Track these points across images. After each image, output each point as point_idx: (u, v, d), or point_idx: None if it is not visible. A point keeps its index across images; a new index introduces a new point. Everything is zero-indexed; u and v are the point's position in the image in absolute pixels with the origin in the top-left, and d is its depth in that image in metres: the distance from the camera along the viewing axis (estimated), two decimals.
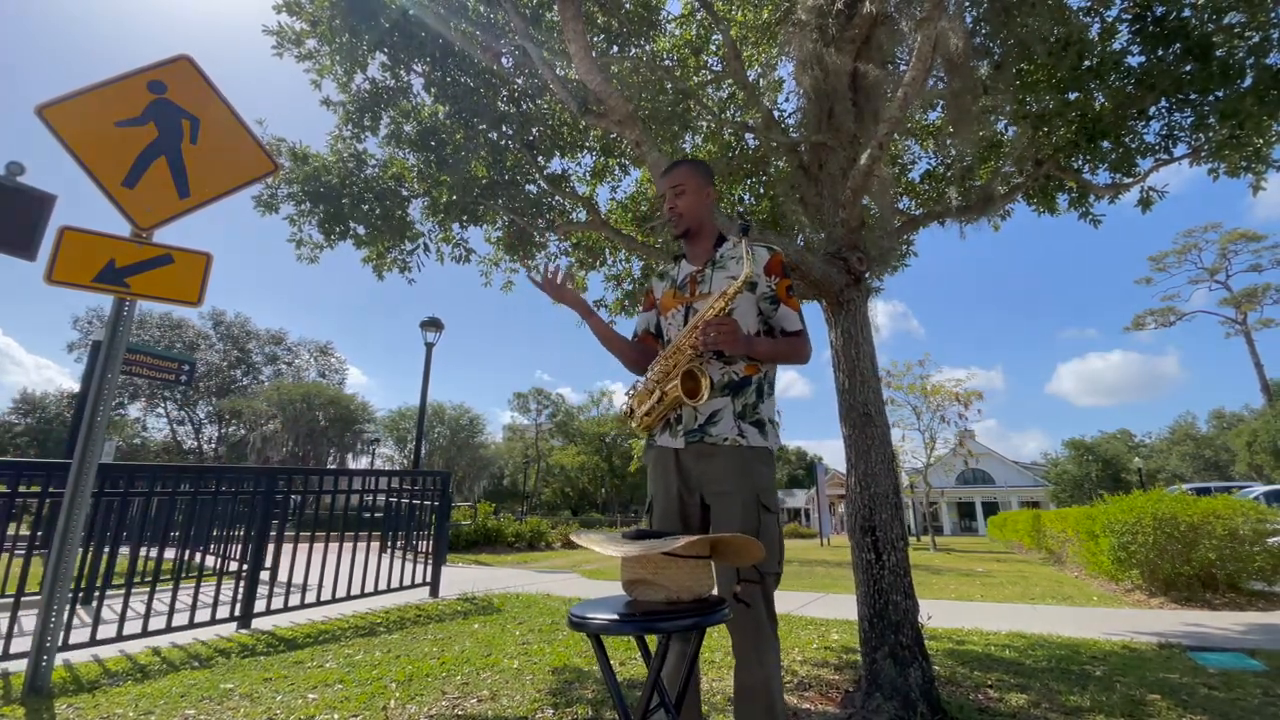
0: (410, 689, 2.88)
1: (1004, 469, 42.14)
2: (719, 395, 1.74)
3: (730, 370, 1.76)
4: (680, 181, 1.91)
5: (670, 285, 1.99)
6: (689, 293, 1.89)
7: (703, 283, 1.87)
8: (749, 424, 1.73)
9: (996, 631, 4.46)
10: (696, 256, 1.95)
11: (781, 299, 1.82)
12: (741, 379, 1.76)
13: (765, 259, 1.84)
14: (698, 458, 1.74)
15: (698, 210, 1.92)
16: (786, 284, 1.84)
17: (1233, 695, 2.94)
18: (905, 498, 27.99)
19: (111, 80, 3.23)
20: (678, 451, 1.77)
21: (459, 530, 12.45)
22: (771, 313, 1.83)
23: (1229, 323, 38.08)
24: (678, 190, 1.91)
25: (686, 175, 1.92)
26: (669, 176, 1.94)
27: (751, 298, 1.81)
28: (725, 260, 1.86)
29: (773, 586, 1.63)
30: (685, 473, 1.76)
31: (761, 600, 1.59)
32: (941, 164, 5.26)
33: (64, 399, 39.56)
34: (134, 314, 3.27)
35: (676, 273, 1.99)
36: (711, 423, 1.73)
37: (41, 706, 2.58)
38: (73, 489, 2.92)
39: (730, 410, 1.73)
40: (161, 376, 9.26)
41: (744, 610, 1.57)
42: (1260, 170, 4.05)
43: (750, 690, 1.55)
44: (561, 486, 52.14)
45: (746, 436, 1.71)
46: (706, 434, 1.72)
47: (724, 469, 1.68)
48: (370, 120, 4.51)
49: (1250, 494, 10.66)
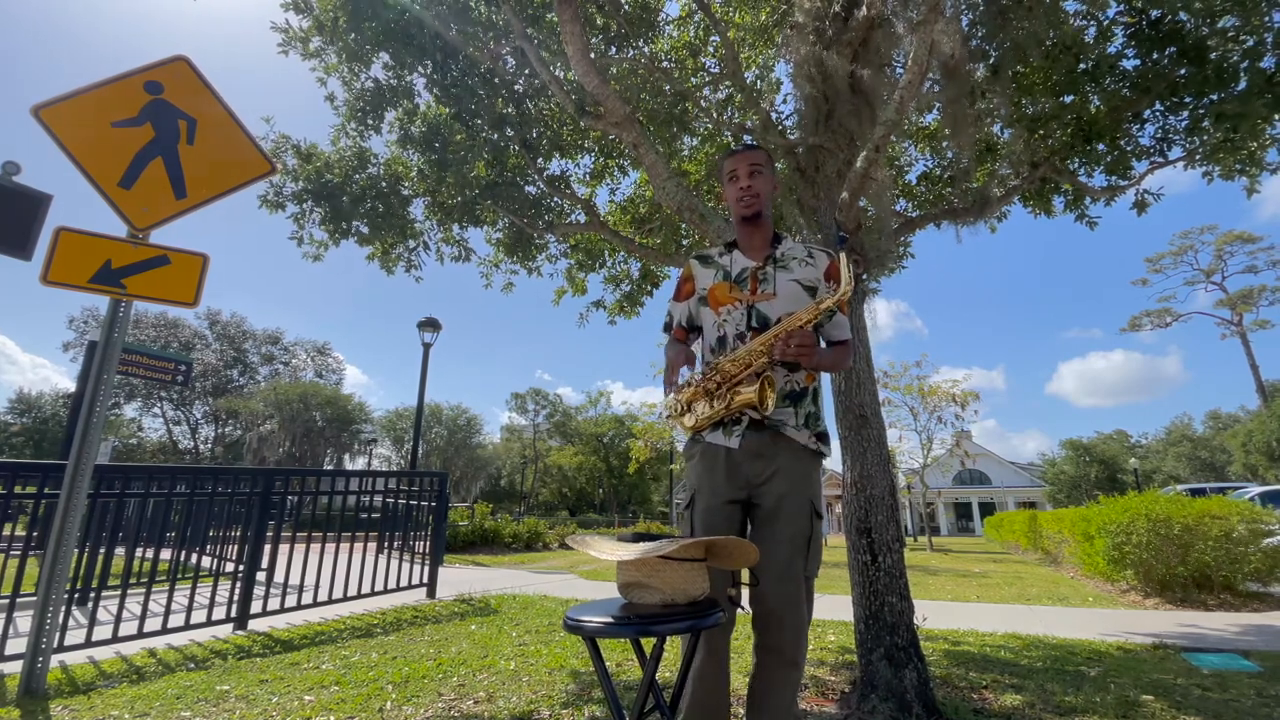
0: (407, 690, 2.88)
1: (1001, 469, 42.26)
2: (782, 405, 1.72)
3: (793, 379, 1.73)
4: (758, 161, 1.80)
5: (722, 276, 1.85)
6: (750, 290, 1.79)
7: (764, 281, 1.78)
8: (812, 434, 1.73)
9: (992, 632, 4.48)
10: (753, 249, 1.84)
11: (841, 307, 1.78)
12: (802, 389, 1.74)
13: (825, 264, 1.79)
14: (755, 458, 1.68)
15: (768, 197, 1.84)
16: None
17: (1227, 696, 2.96)
18: (902, 498, 28.05)
19: (108, 81, 3.22)
20: (729, 450, 1.71)
21: (456, 531, 12.43)
22: (826, 320, 1.79)
23: (1225, 324, 38.26)
24: (755, 168, 1.79)
25: (763, 158, 1.82)
26: (746, 154, 1.81)
27: (811, 304, 1.74)
28: (788, 260, 1.79)
29: (812, 592, 1.67)
30: (736, 471, 1.70)
31: (806, 603, 1.62)
32: (938, 166, 5.28)
33: (59, 399, 39.42)
34: (130, 314, 3.26)
35: (729, 263, 1.86)
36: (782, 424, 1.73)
37: (37, 708, 2.57)
38: (69, 490, 2.91)
39: (793, 417, 1.72)
40: (158, 376, 9.24)
41: (792, 612, 1.58)
42: (1254, 173, 4.08)
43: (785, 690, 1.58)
44: (559, 487, 52.12)
45: (809, 443, 1.72)
46: (781, 427, 1.70)
47: (784, 470, 1.67)
48: (374, 119, 4.52)
49: (1245, 495, 10.69)
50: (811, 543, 1.61)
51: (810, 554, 1.63)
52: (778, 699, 1.55)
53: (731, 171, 1.82)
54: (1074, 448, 45.61)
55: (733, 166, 1.82)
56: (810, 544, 1.62)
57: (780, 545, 1.60)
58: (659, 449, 19.46)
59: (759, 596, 1.59)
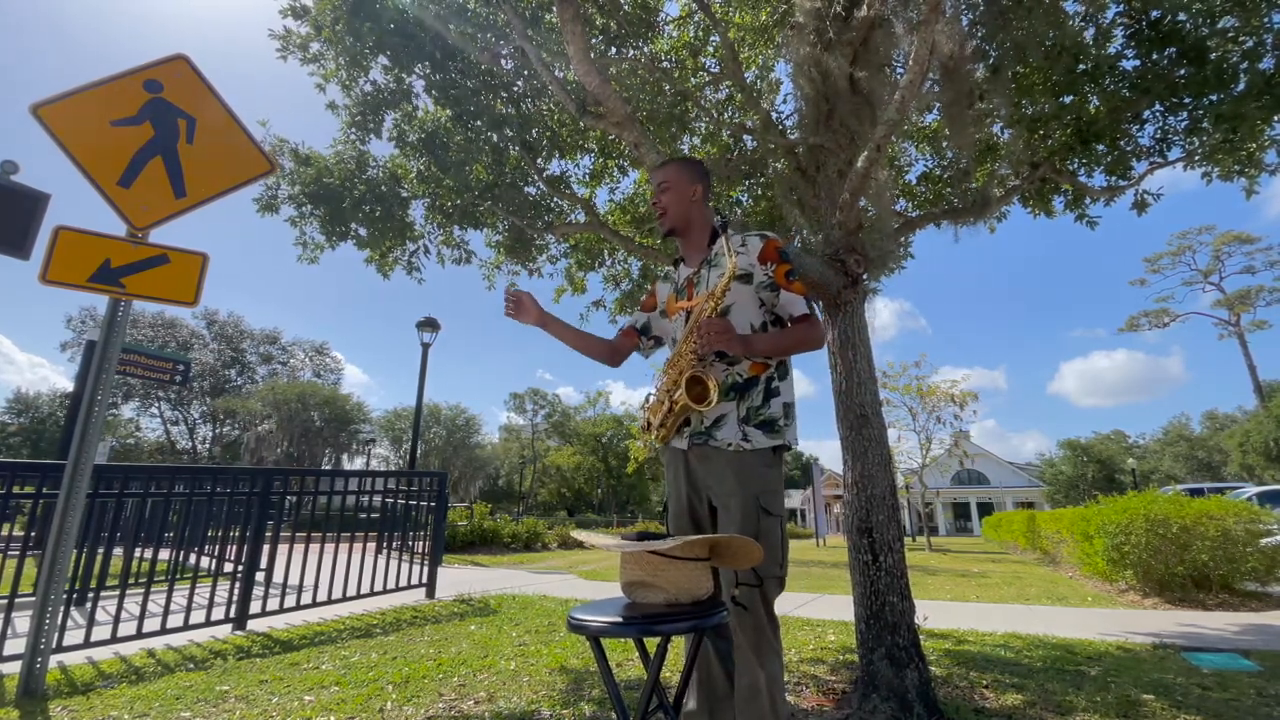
0: (407, 691, 2.87)
1: (999, 470, 42.33)
2: (724, 399, 1.70)
3: (734, 371, 1.72)
4: (664, 179, 1.88)
5: (671, 288, 1.94)
6: (688, 296, 1.85)
7: (699, 284, 1.83)
8: (754, 426, 1.68)
9: (992, 632, 4.48)
10: (691, 258, 1.91)
11: (782, 284, 1.74)
12: (747, 379, 1.72)
13: (759, 247, 1.78)
14: (701, 460, 1.73)
15: (681, 207, 1.87)
16: (785, 268, 1.77)
17: (1227, 695, 2.96)
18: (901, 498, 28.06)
19: (107, 79, 3.21)
20: (685, 453, 1.76)
21: (455, 531, 12.41)
22: (774, 301, 1.76)
23: (1222, 324, 38.36)
24: (662, 187, 1.88)
25: (670, 172, 1.88)
26: (654, 174, 1.92)
27: (749, 290, 1.75)
28: (718, 258, 1.81)
29: (773, 590, 1.61)
30: (692, 475, 1.76)
31: (760, 603, 1.58)
32: (938, 166, 5.29)
33: (57, 398, 39.32)
34: (129, 314, 3.25)
35: (677, 276, 1.95)
36: (716, 426, 1.70)
37: (36, 709, 2.56)
38: (67, 489, 2.90)
39: (735, 415, 1.70)
40: (156, 376, 9.22)
41: (743, 613, 1.57)
42: (1253, 174, 4.08)
43: (750, 692, 1.54)
44: (558, 487, 52.09)
45: (750, 439, 1.67)
46: (711, 437, 1.70)
47: (723, 473, 1.67)
48: (374, 123, 4.51)
49: (1243, 495, 10.72)
50: (760, 540, 1.54)
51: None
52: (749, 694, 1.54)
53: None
54: (1072, 448, 45.72)
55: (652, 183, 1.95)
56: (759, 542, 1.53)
57: None
58: (658, 449, 19.44)
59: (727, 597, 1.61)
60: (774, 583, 1.61)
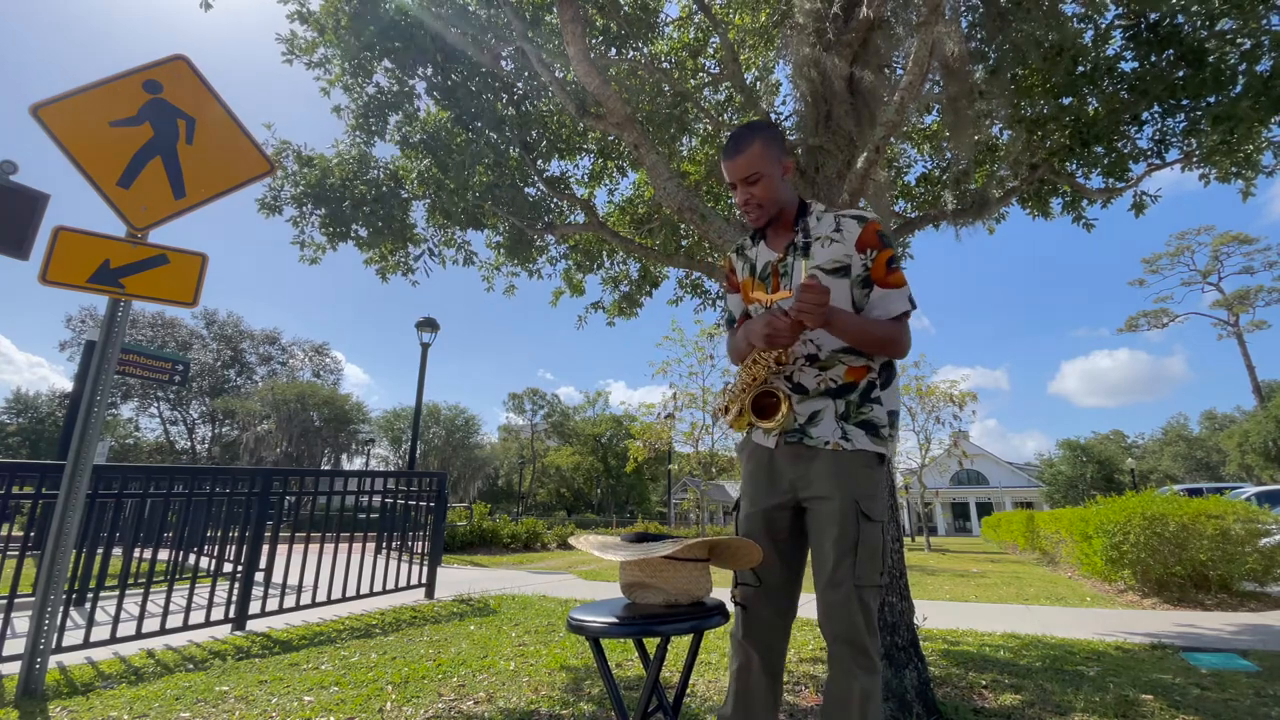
0: (406, 691, 2.87)
1: (998, 470, 42.37)
2: (819, 399, 1.54)
3: (827, 377, 1.55)
4: (752, 171, 1.54)
5: (749, 271, 1.70)
6: (772, 286, 1.63)
7: (785, 275, 1.58)
8: (854, 425, 1.51)
9: (991, 632, 4.49)
10: (776, 239, 1.66)
11: (878, 278, 1.51)
12: (842, 384, 1.53)
13: (856, 232, 1.52)
14: (794, 460, 1.55)
15: (779, 192, 1.58)
16: (887, 255, 1.52)
17: (1225, 695, 2.97)
18: (900, 498, 28.08)
19: (107, 80, 3.21)
20: (771, 452, 1.60)
21: (454, 531, 12.41)
22: (864, 300, 1.53)
23: (1221, 325, 38.43)
24: (751, 180, 1.55)
25: (756, 159, 1.54)
26: (738, 161, 1.55)
27: (844, 285, 1.53)
28: (810, 244, 1.57)
29: (872, 600, 1.45)
30: (778, 475, 1.58)
31: (860, 612, 1.42)
32: (937, 167, 5.29)
33: (56, 399, 39.29)
34: (128, 314, 3.25)
35: (755, 256, 1.70)
36: (812, 423, 1.53)
37: (35, 709, 2.56)
38: (67, 489, 2.90)
39: (832, 410, 1.53)
40: (155, 376, 9.23)
41: (842, 621, 1.43)
42: (1250, 176, 4.10)
43: (839, 705, 1.42)
44: (557, 487, 52.11)
45: (851, 439, 1.50)
46: (806, 435, 1.53)
47: (821, 473, 1.50)
48: (377, 124, 4.53)
49: (1242, 494, 10.74)
50: (860, 547, 1.43)
51: (859, 559, 1.43)
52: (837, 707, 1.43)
53: (729, 182, 1.63)
54: (1071, 448, 45.77)
55: (728, 178, 1.62)
56: (858, 548, 1.43)
57: (824, 552, 1.47)
58: (657, 449, 19.46)
59: (818, 606, 1.49)
60: (873, 592, 1.46)
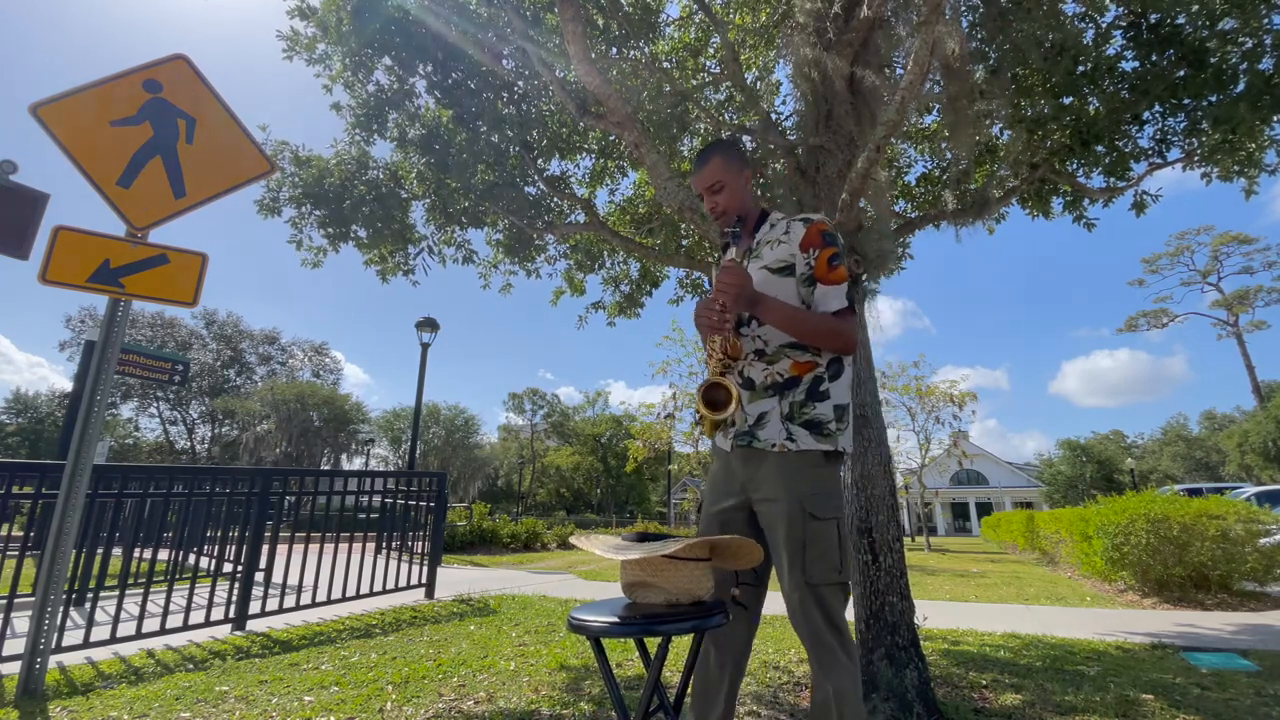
0: (407, 691, 2.87)
1: (998, 470, 42.37)
2: (765, 397, 1.58)
3: (774, 371, 1.58)
4: (716, 179, 1.69)
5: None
6: None
7: None
8: (799, 425, 1.53)
9: (991, 632, 4.49)
10: (741, 245, 1.76)
11: (820, 275, 1.56)
12: (788, 379, 1.57)
13: (801, 233, 1.59)
14: (745, 463, 1.60)
15: (741, 200, 1.71)
16: (829, 253, 1.56)
17: (1225, 695, 2.97)
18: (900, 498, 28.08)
19: (107, 79, 3.21)
20: (726, 453, 1.65)
21: (454, 531, 12.41)
22: (810, 297, 1.58)
23: (1221, 325, 38.42)
24: (715, 189, 1.70)
25: (718, 169, 1.69)
26: (702, 174, 1.71)
27: (790, 284, 1.58)
28: (760, 248, 1.67)
29: (831, 597, 1.45)
30: (732, 476, 1.64)
31: (817, 611, 1.44)
32: (938, 167, 5.29)
33: (56, 398, 39.27)
34: (128, 314, 3.25)
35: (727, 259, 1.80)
36: (760, 425, 1.57)
37: (35, 709, 2.56)
38: (67, 489, 2.90)
39: (777, 412, 1.55)
40: (154, 376, 9.22)
41: (801, 621, 1.45)
42: (1253, 175, 4.09)
43: (820, 709, 1.42)
44: (557, 487, 52.10)
45: (796, 440, 1.52)
46: (755, 438, 1.57)
47: (769, 475, 1.54)
48: (378, 124, 4.52)
49: (1241, 495, 10.74)
50: (808, 547, 1.44)
51: (809, 559, 1.44)
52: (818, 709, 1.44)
53: (697, 192, 1.77)
54: (1070, 448, 45.80)
55: (695, 188, 1.76)
56: (806, 548, 1.45)
57: (777, 553, 1.50)
58: (657, 449, 19.45)
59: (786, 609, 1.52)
60: (832, 590, 1.45)
